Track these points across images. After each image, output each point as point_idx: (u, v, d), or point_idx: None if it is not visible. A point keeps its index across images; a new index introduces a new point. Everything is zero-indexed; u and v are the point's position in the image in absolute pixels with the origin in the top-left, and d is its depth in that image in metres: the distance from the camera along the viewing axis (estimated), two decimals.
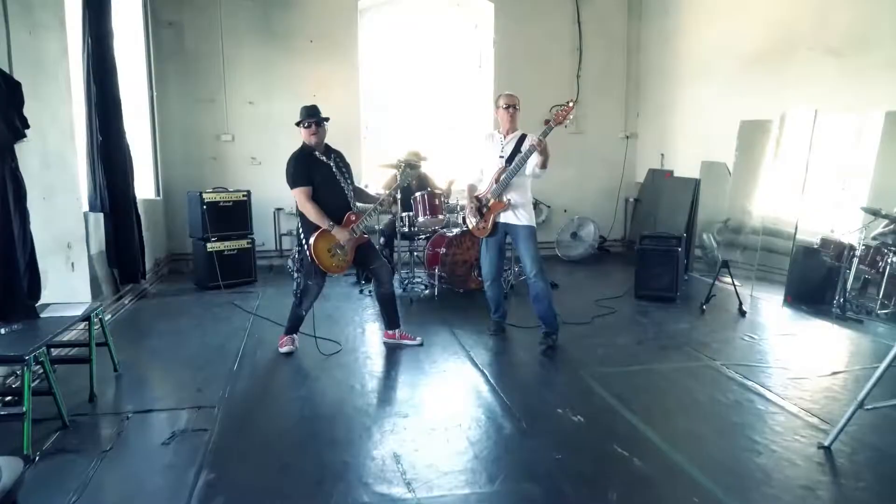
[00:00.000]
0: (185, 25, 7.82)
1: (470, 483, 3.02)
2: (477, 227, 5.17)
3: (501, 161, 4.99)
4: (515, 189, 4.99)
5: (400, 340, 5.07)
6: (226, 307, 6.27)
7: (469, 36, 8.91)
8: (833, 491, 2.95)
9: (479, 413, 3.84)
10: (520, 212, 5.01)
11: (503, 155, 5.00)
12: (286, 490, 2.97)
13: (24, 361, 3.20)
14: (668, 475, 3.10)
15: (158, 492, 2.95)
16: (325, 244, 4.62)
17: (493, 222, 5.06)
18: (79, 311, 4.03)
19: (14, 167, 3.70)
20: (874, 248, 5.52)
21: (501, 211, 5.00)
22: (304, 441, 3.50)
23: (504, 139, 5.08)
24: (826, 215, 6.06)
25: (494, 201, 5.01)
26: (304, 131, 4.68)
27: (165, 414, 3.77)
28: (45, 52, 4.71)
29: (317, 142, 4.68)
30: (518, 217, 5.01)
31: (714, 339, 5.23)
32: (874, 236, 5.52)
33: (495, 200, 5.01)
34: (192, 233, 7.21)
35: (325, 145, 4.77)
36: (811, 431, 3.52)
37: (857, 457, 3.22)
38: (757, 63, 6.74)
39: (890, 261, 5.35)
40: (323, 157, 4.72)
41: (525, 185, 5.05)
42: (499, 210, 5.01)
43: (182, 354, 4.91)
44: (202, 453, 3.29)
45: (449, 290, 6.69)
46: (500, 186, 4.96)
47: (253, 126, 8.17)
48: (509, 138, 5.06)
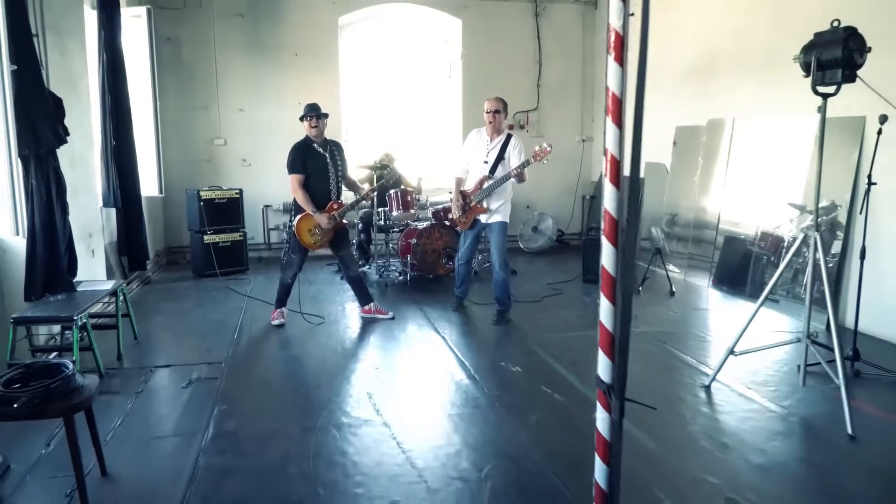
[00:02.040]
0: (182, 40, 8.63)
1: (426, 410, 3.93)
2: (459, 220, 6.00)
3: (485, 165, 5.79)
4: (496, 197, 5.75)
5: (374, 314, 5.95)
6: (222, 291, 7.11)
7: (439, 49, 9.79)
8: (705, 415, 3.89)
9: (438, 366, 4.75)
10: (496, 213, 5.81)
11: (487, 161, 5.78)
12: (283, 416, 3.86)
13: (74, 321, 4.06)
14: (579, 405, 4.02)
15: (184, 417, 3.82)
16: (307, 225, 5.52)
17: (473, 219, 5.89)
18: (107, 286, 4.88)
19: (56, 167, 4.54)
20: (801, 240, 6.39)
21: (480, 214, 5.82)
22: (295, 385, 4.40)
23: (490, 142, 5.78)
24: (745, 209, 6.96)
25: (476, 205, 5.83)
26: (306, 124, 5.56)
27: (182, 368, 4.63)
28: (71, 71, 5.54)
29: (316, 133, 5.56)
30: (494, 217, 5.83)
31: (643, 312, 6.15)
32: (801, 229, 6.39)
33: (477, 204, 5.82)
34: (190, 226, 8.03)
35: (323, 137, 5.64)
36: (700, 377, 4.44)
37: (723, 392, 4.16)
38: (689, 76, 7.69)
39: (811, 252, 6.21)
40: (320, 148, 5.59)
41: (506, 189, 5.80)
42: (479, 213, 5.83)
43: (189, 327, 5.76)
44: (215, 393, 4.16)
45: (420, 276, 7.57)
46: (482, 194, 5.75)
47: (243, 131, 8.98)
48: (494, 142, 5.76)
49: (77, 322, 4.06)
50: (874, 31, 3.89)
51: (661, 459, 3.35)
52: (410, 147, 9.35)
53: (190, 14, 8.60)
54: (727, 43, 7.04)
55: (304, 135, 5.63)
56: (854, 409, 3.67)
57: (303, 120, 5.60)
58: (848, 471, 3.26)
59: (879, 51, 3.84)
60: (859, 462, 3.31)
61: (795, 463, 3.33)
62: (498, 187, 5.67)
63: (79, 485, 2.75)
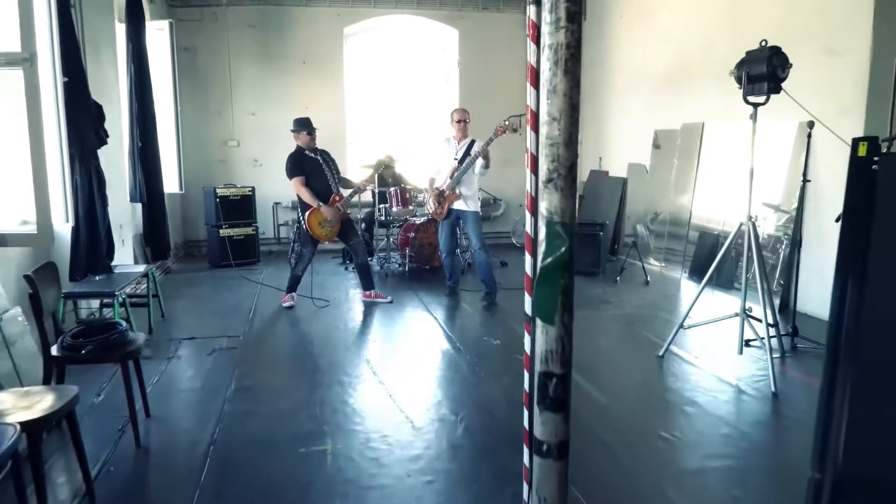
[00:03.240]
0: (198, 50, 9.34)
1: (415, 372, 4.62)
2: (435, 211, 6.72)
3: (455, 162, 6.57)
4: (465, 184, 6.56)
5: (374, 299, 6.63)
6: (236, 279, 7.80)
7: (437, 57, 10.49)
8: (654, 377, 4.55)
9: (428, 340, 5.42)
10: (469, 201, 6.59)
11: (457, 157, 6.58)
12: (293, 376, 4.56)
13: (116, 296, 4.75)
14: None
15: (210, 376, 4.51)
16: (316, 219, 6.21)
17: (448, 209, 6.63)
18: (140, 269, 5.58)
19: (97, 165, 5.23)
20: (775, 237, 7.04)
21: (455, 201, 6.56)
22: (303, 354, 5.09)
23: (458, 144, 6.65)
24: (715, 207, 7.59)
25: (450, 193, 6.58)
26: (306, 136, 6.27)
27: (205, 340, 5.31)
28: (106, 80, 6.24)
29: (310, 143, 6.30)
30: (467, 205, 6.58)
31: (617, 298, 6.82)
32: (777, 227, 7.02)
33: (450, 192, 6.58)
34: (207, 221, 8.73)
35: (314, 146, 6.36)
36: (658, 349, 5.10)
37: (674, 360, 4.83)
38: (665, 83, 8.35)
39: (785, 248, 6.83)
40: (312, 154, 6.32)
41: (472, 181, 6.61)
42: (453, 200, 6.58)
43: (208, 308, 6.45)
44: (235, 359, 4.85)
45: (417, 267, 8.24)
46: (453, 182, 6.53)
47: (254, 133, 9.68)
48: (462, 144, 6.63)
49: (118, 297, 4.75)
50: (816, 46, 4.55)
51: (609, 409, 4.02)
52: (410, 149, 10.03)
53: (206, 25, 9.32)
54: (697, 54, 7.70)
55: (296, 145, 6.35)
56: (782, 373, 4.33)
57: (297, 132, 6.31)
58: (764, 416, 3.91)
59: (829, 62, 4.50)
60: (775, 411, 3.96)
61: (722, 411, 3.98)
62: (466, 171, 6.41)
63: (131, 416, 3.43)
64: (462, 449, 3.46)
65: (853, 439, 2.07)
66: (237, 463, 3.29)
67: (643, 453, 3.44)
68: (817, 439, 2.20)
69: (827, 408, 2.15)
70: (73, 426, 2.88)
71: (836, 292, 2.17)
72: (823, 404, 2.17)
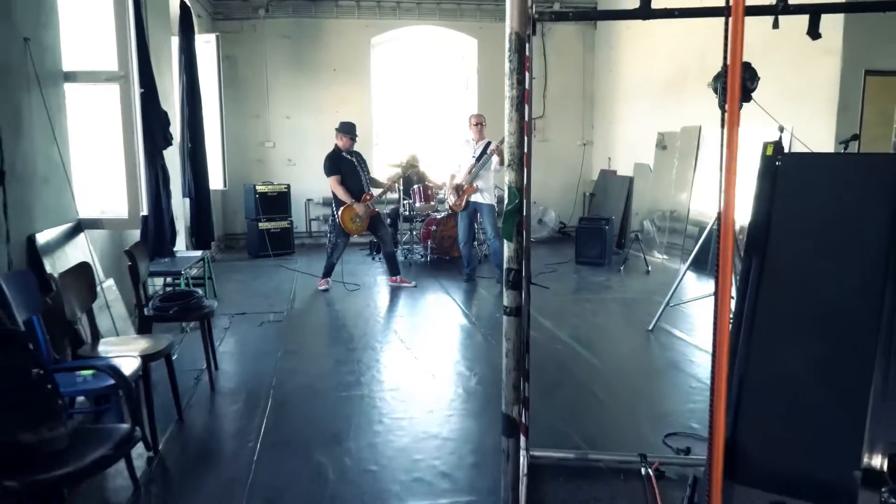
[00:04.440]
0: (238, 59, 10.20)
1: (436, 340, 5.40)
2: (455, 203, 7.52)
3: (473, 160, 7.37)
4: (482, 179, 7.35)
5: (400, 283, 7.42)
6: (274, 268, 8.63)
7: (457, 64, 11.27)
8: (642, 346, 5.29)
9: (447, 316, 6.20)
10: (485, 194, 7.38)
11: (475, 156, 7.38)
12: (332, 343, 5.37)
13: (182, 274, 5.58)
14: (550, 339, 5.44)
15: (262, 342, 5.33)
16: (349, 214, 7.01)
17: (466, 201, 7.42)
18: (197, 254, 6.42)
19: (163, 164, 6.06)
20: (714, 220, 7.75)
21: (472, 193, 7.36)
22: (339, 326, 5.90)
23: (475, 145, 7.45)
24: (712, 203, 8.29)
25: (468, 186, 7.37)
26: (347, 139, 7.07)
27: (254, 315, 6.13)
28: (164, 88, 7.08)
29: (348, 146, 7.08)
30: (483, 198, 7.38)
31: (620, 285, 7.55)
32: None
33: (468, 186, 7.37)
34: (247, 215, 9.58)
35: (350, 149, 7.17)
36: (647, 325, 5.82)
37: (662, 333, 5.56)
38: (666, 89, 9.06)
39: None
40: (348, 155, 7.12)
41: (489, 177, 7.38)
42: (471, 193, 7.37)
43: (253, 291, 7.28)
44: (282, 330, 5.66)
45: (438, 257, 9.02)
46: (471, 177, 7.33)
47: (289, 135, 10.52)
48: (479, 144, 7.43)
49: (184, 275, 5.58)
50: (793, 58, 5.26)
51: (602, 370, 4.76)
52: (432, 149, 10.81)
53: (246, 36, 10.18)
54: (694, 62, 8.40)
55: (335, 145, 7.14)
56: None
57: (341, 134, 7.10)
58: None
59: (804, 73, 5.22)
60: None
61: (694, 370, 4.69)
62: (483, 168, 7.22)
63: (207, 364, 4.25)
64: (475, 395, 4.24)
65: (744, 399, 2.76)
66: (291, 403, 4.09)
67: (627, 402, 4.20)
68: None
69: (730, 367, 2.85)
70: (170, 363, 3.69)
71: (744, 270, 2.90)
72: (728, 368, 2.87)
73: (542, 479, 3.11)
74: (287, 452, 3.41)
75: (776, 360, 2.69)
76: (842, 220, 2.74)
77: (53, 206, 4.18)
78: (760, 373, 2.71)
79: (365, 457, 3.37)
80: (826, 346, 2.62)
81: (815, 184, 2.88)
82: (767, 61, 5.07)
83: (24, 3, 3.90)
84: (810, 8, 2.92)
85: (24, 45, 3.84)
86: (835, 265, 2.69)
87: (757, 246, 2.87)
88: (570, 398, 4.27)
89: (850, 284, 2.64)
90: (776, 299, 2.76)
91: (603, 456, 3.31)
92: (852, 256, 2.66)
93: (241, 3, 10.06)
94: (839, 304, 2.65)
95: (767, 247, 2.85)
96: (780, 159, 2.92)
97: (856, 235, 2.68)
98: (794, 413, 2.61)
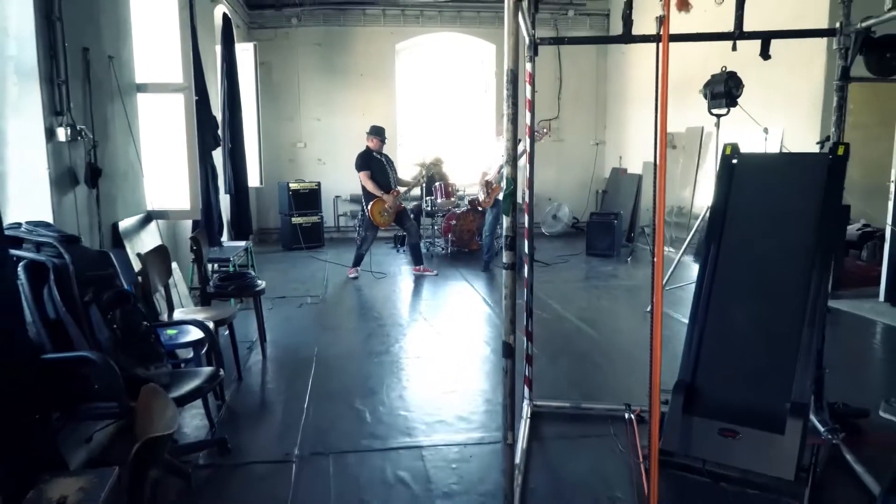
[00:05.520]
0: (272, 65, 10.94)
1: (456, 319, 6.08)
2: (483, 200, 8.21)
3: (503, 158, 8.04)
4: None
5: (423, 272, 8.10)
6: (307, 259, 9.35)
7: (476, 68, 11.94)
8: (638, 323, 5.93)
9: (466, 300, 6.88)
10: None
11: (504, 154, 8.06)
12: (364, 321, 6.07)
13: (231, 260, 6.30)
14: (557, 318, 6.09)
15: (302, 319, 6.04)
16: (378, 208, 7.70)
17: (494, 199, 8.08)
18: (242, 244, 7.15)
19: (212, 164, 6.79)
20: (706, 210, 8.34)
21: (499, 192, 8.02)
22: (369, 308, 6.60)
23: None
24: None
25: (496, 185, 8.02)
26: (377, 141, 7.78)
27: (293, 298, 6.84)
28: (211, 93, 7.82)
29: (378, 147, 7.79)
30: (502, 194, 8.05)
31: (626, 274, 8.17)
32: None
33: (496, 185, 8.01)
34: (280, 210, 10.32)
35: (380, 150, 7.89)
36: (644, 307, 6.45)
37: None
38: (672, 92, 9.60)
39: None
40: (378, 155, 7.82)
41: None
42: (498, 192, 8.02)
43: (290, 278, 8.00)
44: (319, 310, 6.37)
45: (458, 250, 9.70)
46: (499, 176, 7.97)
47: (319, 136, 11.25)
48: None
49: (233, 262, 6.31)
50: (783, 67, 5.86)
51: (601, 343, 5.42)
52: (453, 149, 11.50)
53: (280, 44, 10.92)
54: (696, 68, 8.96)
55: (366, 146, 7.85)
56: None
57: (372, 136, 7.80)
58: None
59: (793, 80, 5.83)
60: None
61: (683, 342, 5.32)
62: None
63: (260, 335, 4.96)
64: (488, 360, 4.91)
65: (703, 350, 3.40)
66: (332, 366, 4.78)
67: (620, 367, 4.85)
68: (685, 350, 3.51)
69: (690, 326, 3.49)
70: (232, 329, 4.41)
71: (705, 248, 3.54)
72: (690, 326, 3.50)
73: (542, 422, 3.78)
74: (331, 402, 4.10)
75: (727, 319, 3.35)
76: (781, 206, 3.39)
77: (130, 198, 4.92)
78: (715, 329, 3.37)
79: (396, 405, 4.06)
80: (766, 306, 3.27)
81: (762, 178, 3.54)
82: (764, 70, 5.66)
83: (109, 25, 4.63)
84: (761, 34, 3.56)
85: (108, 62, 4.57)
86: (775, 242, 3.34)
87: (715, 228, 3.53)
88: (572, 364, 4.93)
89: (785, 257, 3.29)
90: (729, 271, 3.42)
91: (594, 405, 3.98)
92: (788, 235, 3.31)
93: (275, 12, 10.80)
94: (777, 273, 3.30)
95: (724, 229, 3.50)
96: (735, 158, 3.57)
97: (792, 218, 3.33)
98: (740, 359, 3.26)
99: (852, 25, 3.49)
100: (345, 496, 3.02)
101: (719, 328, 3.37)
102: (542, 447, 3.53)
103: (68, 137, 3.73)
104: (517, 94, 2.28)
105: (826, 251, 3.21)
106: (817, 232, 3.23)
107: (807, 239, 3.24)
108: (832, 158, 3.31)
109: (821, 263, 3.18)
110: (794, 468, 2.91)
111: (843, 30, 3.51)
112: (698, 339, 3.40)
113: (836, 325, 5.81)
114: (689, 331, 3.48)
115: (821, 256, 3.18)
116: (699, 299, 3.46)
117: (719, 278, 3.42)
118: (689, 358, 3.40)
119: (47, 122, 3.60)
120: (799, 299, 3.18)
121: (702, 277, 3.51)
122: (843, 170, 3.30)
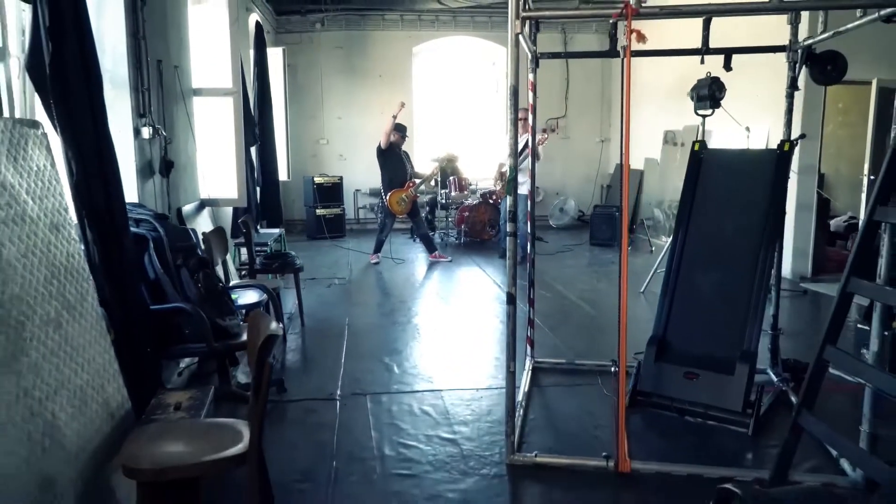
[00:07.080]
0: (298, 67, 11.71)
1: (469, 299, 6.84)
2: (499, 190, 8.99)
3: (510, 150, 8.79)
4: (521, 171, 8.71)
5: (438, 259, 8.85)
6: (331, 247, 10.12)
7: (489, 70, 12.68)
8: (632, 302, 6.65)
9: (478, 284, 7.63)
10: (522, 186, 8.74)
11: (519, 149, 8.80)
12: (386, 299, 6.85)
13: (268, 245, 7.08)
14: (559, 297, 6.83)
15: (333, 298, 6.82)
16: (395, 197, 8.47)
17: None
18: (276, 231, 7.93)
19: (250, 158, 7.56)
20: None
21: None
22: (390, 288, 7.37)
23: (520, 139, 8.82)
24: None
25: None
26: (399, 136, 8.55)
27: (322, 279, 7.62)
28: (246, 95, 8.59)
29: (399, 143, 8.55)
30: (521, 189, 8.74)
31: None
32: None
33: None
34: (305, 202, 11.10)
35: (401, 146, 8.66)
36: (638, 289, 7.17)
37: (650, 294, 6.91)
38: (671, 92, 10.34)
39: None
40: (398, 150, 8.59)
41: (527, 168, 8.75)
42: None
43: (317, 263, 8.78)
44: (346, 289, 7.15)
45: (471, 240, 10.45)
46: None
47: (341, 134, 12.02)
48: (523, 137, 8.76)
49: (270, 246, 7.08)
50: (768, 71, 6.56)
51: (597, 318, 6.16)
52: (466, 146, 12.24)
53: (304, 47, 11.70)
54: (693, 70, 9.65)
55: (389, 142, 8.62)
56: None
57: (395, 132, 8.54)
58: None
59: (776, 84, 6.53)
60: None
61: None
62: (522, 162, 8.60)
63: (300, 306, 5.73)
64: (497, 330, 5.66)
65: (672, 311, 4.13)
66: (362, 333, 5.55)
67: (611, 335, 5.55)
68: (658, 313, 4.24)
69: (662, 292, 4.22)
70: (278, 298, 5.17)
71: (676, 229, 4.26)
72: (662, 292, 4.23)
73: (541, 374, 4.53)
74: (364, 359, 4.87)
75: (692, 283, 4.08)
76: (738, 193, 4.12)
77: (189, 187, 5.70)
78: (682, 292, 4.11)
79: (417, 361, 4.82)
80: (723, 273, 4.01)
81: (724, 169, 4.27)
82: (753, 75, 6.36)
83: (174, 38, 5.40)
84: (724, 50, 4.28)
85: (174, 70, 5.34)
86: (732, 223, 4.08)
87: (685, 212, 4.25)
88: (569, 332, 5.67)
89: (740, 234, 4.02)
90: (695, 246, 4.15)
91: (586, 361, 4.72)
92: (743, 216, 4.05)
93: (301, 18, 11.56)
94: (733, 247, 4.03)
95: (691, 213, 4.23)
96: (702, 153, 4.29)
97: (747, 202, 4.06)
98: (701, 317, 4.00)
99: (798, 43, 4.20)
100: (381, 422, 3.79)
101: (685, 293, 4.10)
102: (540, 392, 4.29)
103: (150, 136, 4.51)
104: (517, 105, 3.01)
105: (773, 230, 3.94)
106: (768, 212, 3.95)
107: (758, 220, 3.97)
108: (779, 153, 4.03)
109: (767, 240, 3.91)
110: (741, 402, 3.65)
111: (791, 46, 4.22)
112: (669, 302, 4.14)
113: (816, 305, 6.56)
114: (662, 296, 4.21)
115: (768, 234, 3.91)
116: (670, 271, 4.20)
117: (687, 253, 4.16)
118: (661, 317, 4.13)
119: (134, 123, 4.38)
120: (750, 270, 3.91)
121: (672, 253, 4.25)
122: (788, 162, 4.02)
